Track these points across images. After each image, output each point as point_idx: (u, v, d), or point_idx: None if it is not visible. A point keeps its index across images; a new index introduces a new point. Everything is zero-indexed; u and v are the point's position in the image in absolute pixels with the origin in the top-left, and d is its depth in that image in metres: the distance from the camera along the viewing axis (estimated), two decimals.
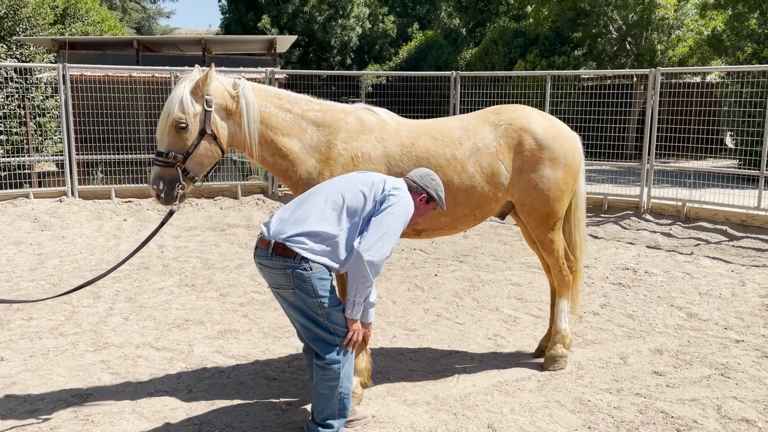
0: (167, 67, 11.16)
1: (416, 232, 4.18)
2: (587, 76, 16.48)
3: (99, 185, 11.01)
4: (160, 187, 3.61)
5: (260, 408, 3.91)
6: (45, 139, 13.53)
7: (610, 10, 20.50)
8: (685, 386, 4.21)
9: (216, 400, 4.01)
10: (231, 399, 4.03)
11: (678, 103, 11.29)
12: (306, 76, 14.01)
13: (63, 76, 10.18)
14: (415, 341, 5.08)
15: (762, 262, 7.51)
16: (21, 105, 11.86)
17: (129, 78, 11.99)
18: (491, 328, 5.36)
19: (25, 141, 11.79)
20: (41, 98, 13.38)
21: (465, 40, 26.77)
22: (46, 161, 13.61)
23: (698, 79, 17.81)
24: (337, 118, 3.97)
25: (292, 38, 17.29)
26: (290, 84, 14.31)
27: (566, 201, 4.35)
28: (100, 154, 10.75)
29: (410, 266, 7.47)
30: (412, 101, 12.15)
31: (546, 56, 20.15)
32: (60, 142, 11.21)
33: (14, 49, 15.67)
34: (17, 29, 15.78)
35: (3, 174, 10.34)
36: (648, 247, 8.38)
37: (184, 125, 3.57)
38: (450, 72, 11.71)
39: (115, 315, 5.63)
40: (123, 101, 11.16)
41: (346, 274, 3.41)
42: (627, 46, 21.26)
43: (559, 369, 4.45)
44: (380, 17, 29.77)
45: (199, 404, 3.95)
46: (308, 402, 3.87)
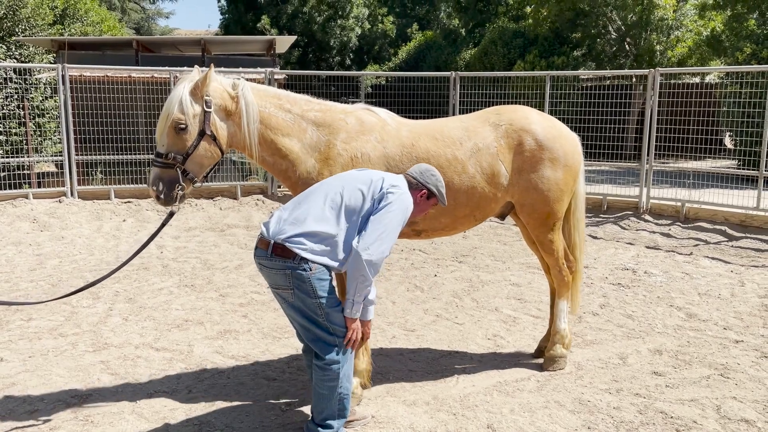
0: (166, 68, 11.16)
1: (416, 233, 4.18)
2: (586, 77, 16.48)
3: (98, 186, 11.01)
4: (160, 188, 3.60)
5: (260, 408, 3.91)
6: (44, 140, 13.53)
7: (609, 11, 20.51)
8: (685, 386, 4.21)
9: (216, 401, 4.01)
10: (231, 399, 4.03)
11: (677, 104, 11.29)
12: (305, 77, 14.02)
13: (62, 77, 10.18)
14: (415, 342, 5.08)
15: (761, 263, 7.52)
16: (20, 105, 11.85)
17: (128, 78, 11.99)
18: (491, 329, 5.36)
19: (25, 141, 11.78)
20: (40, 99, 13.37)
21: (464, 41, 26.77)
22: (46, 162, 13.60)
23: (697, 80, 17.84)
24: (337, 119, 3.96)
25: (292, 39, 17.28)
26: (289, 84, 14.30)
27: (566, 201, 4.36)
28: (100, 155, 10.75)
29: (410, 266, 7.47)
30: (412, 102, 12.14)
31: (545, 57, 20.15)
32: (59, 143, 11.20)
33: (13, 50, 15.67)
34: (16, 30, 15.77)
35: (2, 174, 10.33)
36: (647, 248, 8.38)
37: (184, 126, 3.56)
38: (449, 72, 11.72)
39: (115, 315, 5.63)
40: (122, 102, 11.17)
41: (346, 274, 3.40)
42: (626, 47, 21.27)
43: (559, 369, 4.45)
44: (379, 18, 29.78)
45: (199, 405, 3.95)
46: (308, 402, 3.87)
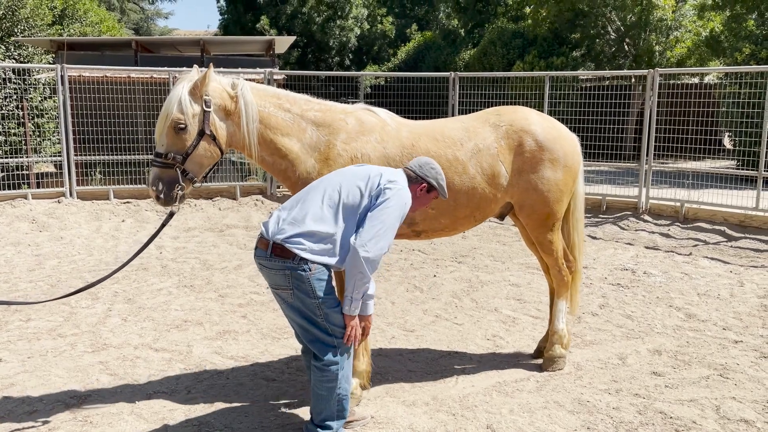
0: (166, 68, 11.16)
1: (416, 234, 4.17)
2: (586, 77, 16.49)
3: (97, 186, 11.00)
4: (159, 189, 3.59)
5: (259, 409, 3.91)
6: (43, 140, 13.52)
7: (609, 11, 20.52)
8: (684, 387, 4.21)
9: (215, 401, 4.00)
10: (230, 400, 4.03)
11: (676, 104, 11.30)
12: (305, 77, 14.02)
13: (61, 77, 10.17)
14: (414, 342, 5.08)
15: (760, 263, 7.52)
16: (19, 106, 11.85)
17: (127, 79, 11.99)
18: (490, 329, 5.36)
19: (24, 142, 11.77)
20: (39, 99, 13.37)
21: (463, 41, 26.77)
22: (45, 162, 13.58)
23: (696, 80, 17.83)
24: (337, 119, 3.96)
25: (291, 39, 17.27)
26: (289, 85, 14.29)
27: (565, 202, 4.36)
28: (99, 155, 10.74)
29: (409, 267, 7.47)
30: (411, 102, 12.14)
31: (544, 57, 20.15)
32: (58, 143, 11.19)
33: (12, 50, 15.66)
34: (15, 30, 15.76)
35: (1, 175, 10.33)
36: (646, 248, 8.39)
37: (183, 126, 3.56)
38: (448, 73, 11.72)
39: (114, 316, 5.62)
40: (121, 102, 11.17)
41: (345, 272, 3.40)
42: (625, 47, 21.28)
43: (558, 369, 4.45)
44: (379, 18, 29.80)
45: (198, 405, 3.95)
46: (307, 403, 3.87)
